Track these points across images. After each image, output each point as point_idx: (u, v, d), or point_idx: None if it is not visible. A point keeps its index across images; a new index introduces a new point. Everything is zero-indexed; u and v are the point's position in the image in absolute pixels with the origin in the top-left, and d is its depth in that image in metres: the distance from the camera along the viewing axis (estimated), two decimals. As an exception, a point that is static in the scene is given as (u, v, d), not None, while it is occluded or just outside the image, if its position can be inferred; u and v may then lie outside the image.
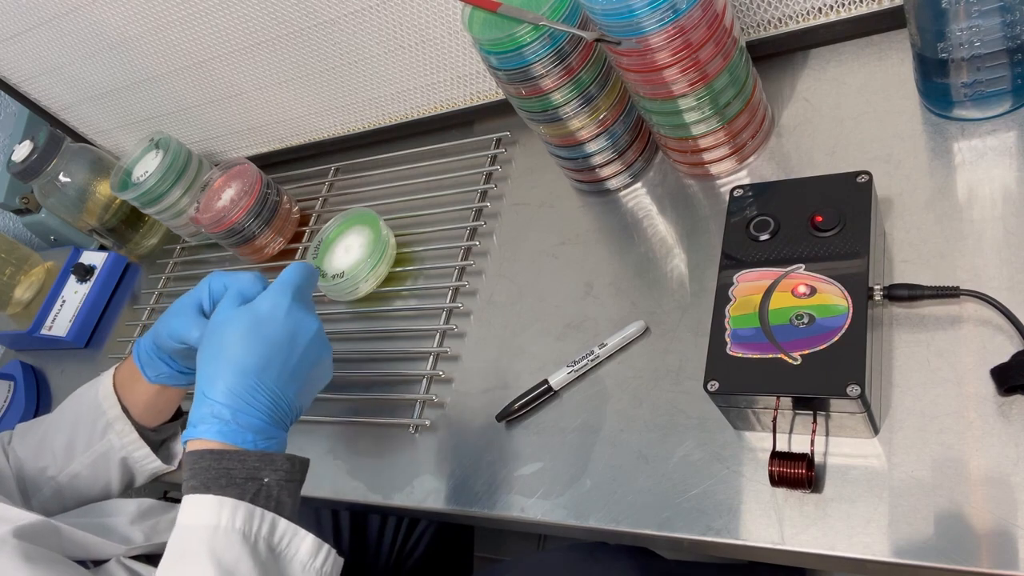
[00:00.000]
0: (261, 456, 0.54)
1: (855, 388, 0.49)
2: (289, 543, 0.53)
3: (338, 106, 0.98)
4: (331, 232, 0.89)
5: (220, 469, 0.53)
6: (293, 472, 0.55)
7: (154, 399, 0.74)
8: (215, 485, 0.52)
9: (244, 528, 0.51)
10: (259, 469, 0.53)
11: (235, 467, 0.53)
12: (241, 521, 0.51)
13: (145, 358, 0.71)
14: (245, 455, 0.53)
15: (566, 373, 0.68)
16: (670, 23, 0.60)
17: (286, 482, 0.54)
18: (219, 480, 0.52)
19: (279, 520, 0.53)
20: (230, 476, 0.52)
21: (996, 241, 0.58)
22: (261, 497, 0.53)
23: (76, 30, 0.95)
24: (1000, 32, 0.56)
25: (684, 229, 0.73)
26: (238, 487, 0.52)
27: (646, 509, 0.59)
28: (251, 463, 0.53)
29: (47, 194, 1.05)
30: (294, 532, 0.53)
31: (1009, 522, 0.48)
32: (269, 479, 0.54)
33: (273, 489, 0.54)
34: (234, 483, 0.52)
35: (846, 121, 0.70)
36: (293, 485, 0.55)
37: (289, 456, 0.55)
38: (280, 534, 0.53)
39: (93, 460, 0.74)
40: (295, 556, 0.53)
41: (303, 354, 0.57)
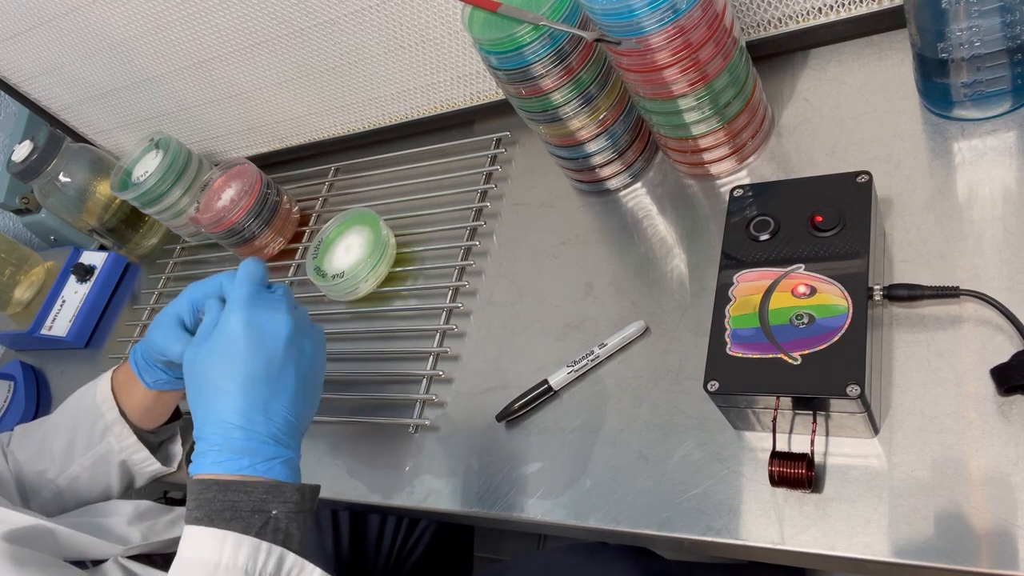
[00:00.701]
0: (269, 487, 0.51)
1: (855, 388, 0.49)
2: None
3: (338, 106, 0.98)
4: (331, 232, 0.89)
5: (225, 501, 0.50)
6: (303, 503, 0.53)
7: (152, 403, 0.74)
8: (219, 518, 0.50)
9: (247, 565, 0.49)
10: (266, 501, 0.51)
11: (240, 499, 0.51)
12: (244, 558, 0.49)
13: (142, 364, 0.71)
14: (252, 486, 0.51)
15: (566, 373, 0.68)
16: (670, 23, 0.60)
17: (295, 513, 0.52)
18: (223, 513, 0.50)
19: (287, 555, 0.51)
20: (235, 509, 0.50)
21: (996, 241, 0.58)
22: (268, 531, 0.50)
23: (76, 30, 0.95)
24: (1000, 32, 0.56)
25: (684, 229, 0.73)
26: (243, 520, 0.50)
27: (646, 509, 0.59)
28: (258, 495, 0.51)
29: (47, 194, 1.05)
30: (301, 567, 0.51)
31: (1009, 522, 0.48)
32: (277, 511, 0.51)
33: (281, 522, 0.51)
34: (239, 516, 0.50)
35: (846, 121, 0.70)
36: (303, 516, 0.53)
37: (299, 487, 0.53)
38: (287, 570, 0.51)
39: (92, 463, 0.74)
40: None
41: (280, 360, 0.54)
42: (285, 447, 0.54)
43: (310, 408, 0.57)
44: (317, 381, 0.58)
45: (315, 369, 0.57)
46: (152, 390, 0.72)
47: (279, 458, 0.53)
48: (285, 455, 0.53)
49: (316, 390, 0.58)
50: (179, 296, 0.64)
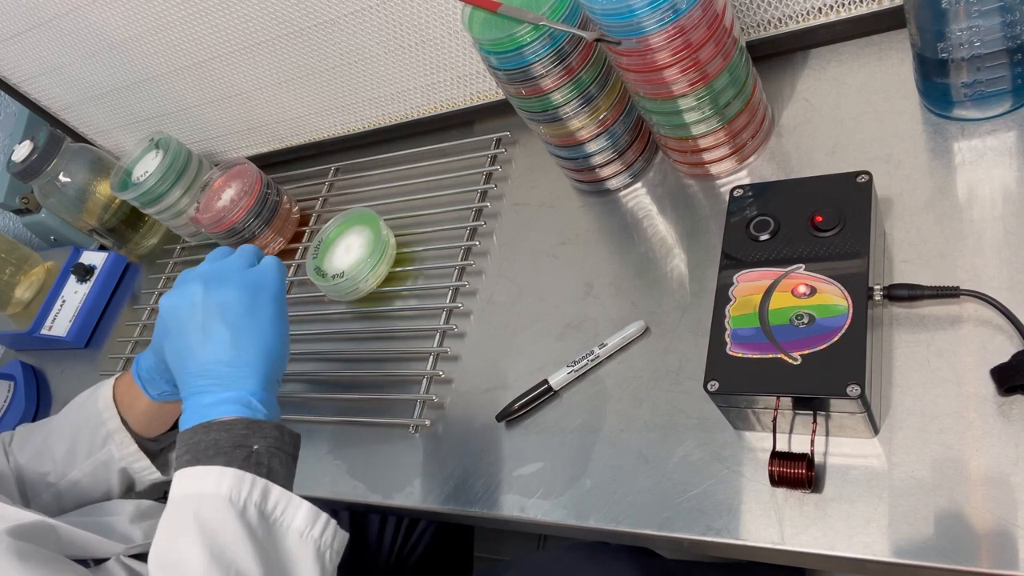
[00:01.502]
0: (248, 423, 0.54)
1: (855, 388, 0.49)
2: (284, 511, 0.52)
3: (338, 106, 0.98)
4: (331, 232, 0.89)
5: (208, 440, 0.53)
6: (282, 440, 0.55)
7: (155, 413, 0.74)
8: (203, 456, 0.52)
9: (231, 494, 0.51)
10: (247, 436, 0.53)
11: (222, 437, 0.53)
12: (227, 487, 0.51)
13: (146, 376, 0.71)
14: (231, 424, 0.53)
15: (566, 373, 0.68)
16: (670, 23, 0.60)
17: (276, 449, 0.54)
18: (207, 451, 0.52)
19: (272, 487, 0.52)
20: (218, 446, 0.52)
21: (996, 241, 0.58)
22: (251, 463, 0.52)
23: (76, 30, 0.95)
24: (1000, 32, 0.56)
25: (684, 229, 0.73)
26: (226, 455, 0.52)
27: (646, 509, 0.59)
28: (238, 430, 0.53)
29: (47, 194, 1.05)
30: (288, 499, 0.53)
31: (1009, 522, 0.48)
32: (258, 446, 0.53)
33: (263, 456, 0.53)
34: (222, 452, 0.52)
35: (846, 121, 0.70)
36: (284, 455, 0.55)
37: (277, 424, 0.55)
38: (273, 501, 0.52)
39: (93, 468, 0.74)
40: (291, 524, 0.52)
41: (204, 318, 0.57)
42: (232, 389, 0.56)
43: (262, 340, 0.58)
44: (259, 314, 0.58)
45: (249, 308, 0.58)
46: (156, 402, 0.72)
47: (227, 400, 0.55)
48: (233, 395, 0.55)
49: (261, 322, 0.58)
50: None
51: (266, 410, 0.56)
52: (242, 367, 0.56)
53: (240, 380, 0.56)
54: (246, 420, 0.54)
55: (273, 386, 0.58)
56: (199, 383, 0.56)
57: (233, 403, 0.55)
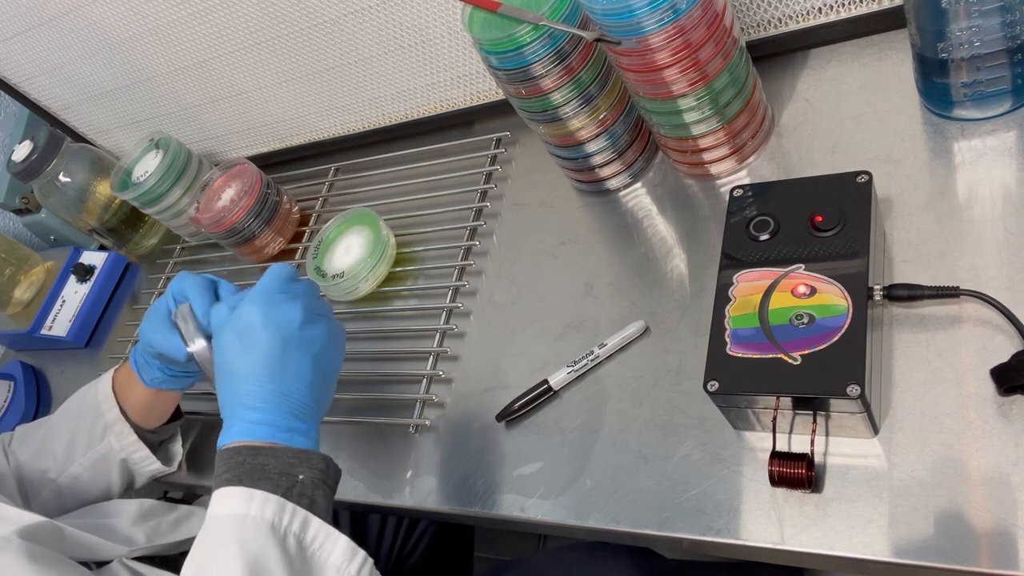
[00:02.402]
0: (297, 453, 0.53)
1: (855, 388, 0.49)
2: (322, 545, 0.51)
3: (338, 106, 0.98)
4: (331, 232, 0.89)
5: (255, 464, 0.52)
6: (328, 473, 0.54)
7: (152, 402, 0.74)
8: (248, 478, 0.51)
9: (274, 520, 0.50)
10: (294, 465, 0.53)
11: (269, 463, 0.52)
12: (271, 513, 0.50)
13: (140, 363, 0.71)
14: (280, 451, 0.53)
15: (566, 373, 0.68)
16: (670, 23, 0.60)
17: (321, 481, 0.53)
18: (252, 474, 0.52)
19: (312, 518, 0.52)
20: (264, 470, 0.52)
21: (996, 241, 0.58)
22: (295, 493, 0.52)
23: (76, 30, 0.95)
24: (1000, 32, 0.56)
25: (684, 229, 0.73)
26: (271, 481, 0.51)
27: (646, 509, 0.59)
28: (286, 459, 0.53)
29: (47, 194, 1.05)
30: (327, 533, 0.52)
31: (1009, 522, 0.48)
32: (304, 476, 0.53)
33: (307, 487, 0.52)
34: (267, 477, 0.52)
35: (846, 121, 0.70)
36: (327, 488, 0.54)
37: (325, 456, 0.55)
38: (313, 534, 0.51)
39: (93, 462, 0.74)
40: (328, 559, 0.51)
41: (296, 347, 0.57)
42: (303, 422, 0.56)
43: (325, 393, 0.58)
44: (331, 367, 0.59)
45: (328, 356, 0.59)
46: (151, 389, 0.72)
47: (298, 431, 0.55)
48: (303, 428, 0.55)
49: (330, 376, 0.59)
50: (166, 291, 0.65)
51: (311, 440, 0.55)
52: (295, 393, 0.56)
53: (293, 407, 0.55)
54: (295, 450, 0.53)
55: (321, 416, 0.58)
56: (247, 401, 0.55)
57: (285, 431, 0.54)
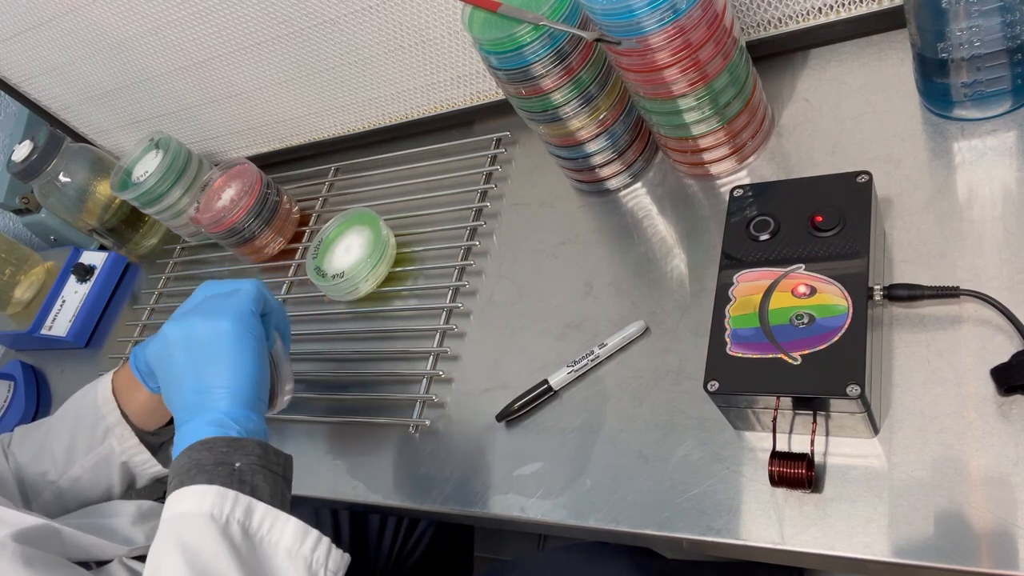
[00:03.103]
0: (229, 441, 0.53)
1: (855, 388, 0.49)
2: (271, 529, 0.51)
3: (338, 106, 0.98)
4: (331, 232, 0.89)
5: (191, 462, 0.53)
6: (267, 458, 0.54)
7: (155, 405, 0.74)
8: (187, 477, 0.52)
9: (213, 510, 0.50)
10: (228, 454, 0.53)
11: (203, 456, 0.53)
12: (209, 504, 0.50)
13: (144, 368, 0.71)
14: (212, 443, 0.53)
15: (566, 373, 0.68)
16: (670, 23, 0.60)
17: (260, 467, 0.53)
18: (190, 472, 0.52)
19: (256, 504, 0.51)
20: (200, 465, 0.52)
21: (996, 241, 0.58)
22: (234, 481, 0.52)
23: (76, 30, 0.95)
24: (1000, 32, 0.56)
25: (684, 229, 0.73)
26: (207, 473, 0.52)
27: (646, 509, 0.59)
28: (219, 449, 0.53)
29: (47, 194, 1.05)
30: (275, 516, 0.51)
31: (1009, 522, 0.48)
32: (240, 463, 0.53)
33: (246, 474, 0.52)
34: (204, 470, 0.52)
35: (846, 121, 0.70)
36: (270, 473, 0.54)
37: (260, 442, 0.55)
38: (259, 519, 0.51)
39: (94, 464, 0.74)
40: (279, 542, 0.51)
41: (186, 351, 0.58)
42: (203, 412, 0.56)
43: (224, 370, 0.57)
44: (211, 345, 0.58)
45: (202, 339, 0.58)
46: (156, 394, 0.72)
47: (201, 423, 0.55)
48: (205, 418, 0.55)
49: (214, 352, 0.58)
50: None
51: (243, 428, 0.55)
52: (214, 389, 0.56)
53: (212, 402, 0.56)
54: (226, 439, 0.54)
55: (254, 404, 0.57)
56: (181, 415, 0.57)
57: (209, 424, 0.55)
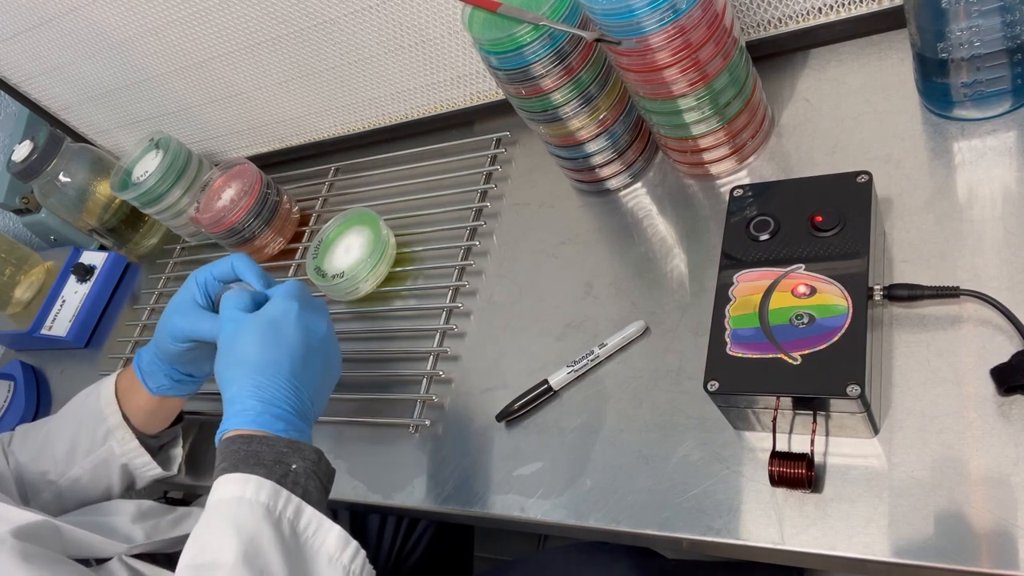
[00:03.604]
0: (290, 443, 0.55)
1: (855, 388, 0.49)
2: (315, 532, 0.52)
3: (338, 106, 0.98)
4: (331, 232, 0.89)
5: (249, 451, 0.53)
6: (320, 465, 0.56)
7: (156, 408, 0.74)
8: (243, 465, 0.53)
9: (269, 503, 0.51)
10: (287, 455, 0.54)
11: (264, 450, 0.53)
12: (267, 496, 0.51)
13: (147, 369, 0.71)
14: (274, 440, 0.54)
15: (566, 373, 0.68)
16: (670, 23, 0.60)
17: (313, 472, 0.55)
18: (247, 460, 0.53)
19: (305, 506, 0.53)
20: (258, 458, 0.53)
21: (996, 241, 0.58)
22: (288, 481, 0.53)
23: (76, 30, 0.95)
24: (1000, 32, 0.56)
25: (684, 229, 0.73)
26: (266, 468, 0.53)
27: (646, 509, 0.59)
28: (280, 448, 0.54)
29: (47, 194, 1.05)
30: (320, 521, 0.53)
31: (1009, 522, 0.48)
32: (297, 465, 0.54)
33: (300, 476, 0.54)
34: (262, 464, 0.53)
35: (846, 121, 0.70)
36: (319, 480, 0.55)
37: (317, 450, 0.56)
38: (306, 521, 0.52)
39: (94, 465, 0.74)
40: (321, 547, 0.52)
41: (316, 353, 0.60)
42: (303, 421, 0.58)
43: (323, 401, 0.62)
44: (333, 380, 0.63)
45: (334, 370, 0.63)
46: (155, 396, 0.72)
47: (295, 428, 0.57)
48: (301, 426, 0.57)
49: (330, 388, 0.63)
50: (186, 283, 0.67)
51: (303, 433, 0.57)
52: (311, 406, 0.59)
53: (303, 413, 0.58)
54: (287, 440, 0.55)
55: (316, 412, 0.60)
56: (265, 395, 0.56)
57: (283, 421, 0.56)
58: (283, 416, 0.56)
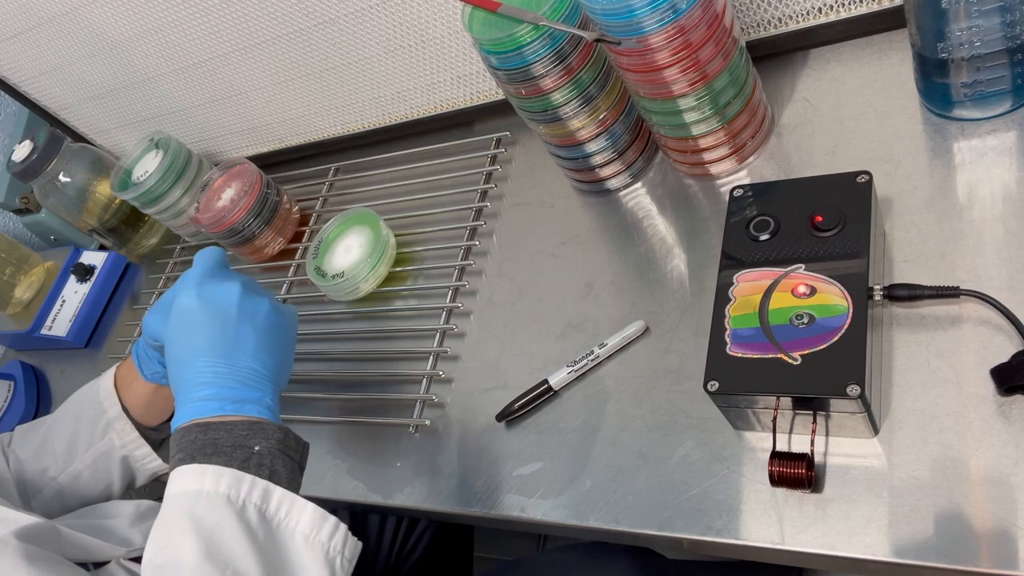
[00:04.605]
0: (250, 424, 0.52)
1: (855, 388, 0.49)
2: (288, 513, 0.50)
3: (338, 106, 0.98)
4: (331, 232, 0.89)
5: (206, 440, 0.51)
6: (287, 443, 0.53)
7: (152, 397, 0.74)
8: (200, 455, 0.51)
9: (230, 493, 0.49)
10: (248, 437, 0.52)
11: (221, 436, 0.51)
12: (226, 486, 0.49)
13: (142, 355, 0.72)
14: (232, 424, 0.52)
15: (566, 373, 0.68)
16: (670, 23, 0.60)
17: (279, 452, 0.52)
18: (205, 450, 0.51)
19: (274, 488, 0.51)
20: (216, 445, 0.51)
21: (996, 241, 0.58)
22: (252, 465, 0.51)
23: (76, 30, 0.95)
24: (1000, 32, 0.56)
25: (684, 229, 0.73)
26: (225, 455, 0.51)
27: (646, 509, 0.59)
28: (238, 431, 0.52)
29: (47, 194, 1.05)
30: (292, 501, 0.51)
31: (1009, 522, 0.48)
32: (260, 447, 0.52)
33: (265, 458, 0.51)
34: (220, 451, 0.51)
35: (846, 121, 0.70)
36: (288, 460, 0.53)
37: (282, 427, 0.54)
38: (276, 503, 0.50)
39: (94, 460, 0.74)
40: (296, 528, 0.50)
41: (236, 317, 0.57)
42: (255, 391, 0.55)
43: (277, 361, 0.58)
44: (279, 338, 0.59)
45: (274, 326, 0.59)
46: (151, 383, 0.72)
47: (249, 400, 0.54)
48: (255, 396, 0.55)
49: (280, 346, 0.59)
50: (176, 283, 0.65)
51: (271, 416, 0.55)
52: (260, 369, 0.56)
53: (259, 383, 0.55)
54: (248, 421, 0.53)
55: (278, 399, 0.57)
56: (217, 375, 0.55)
57: (236, 402, 0.54)
58: (237, 397, 0.54)
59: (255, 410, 0.54)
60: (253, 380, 0.55)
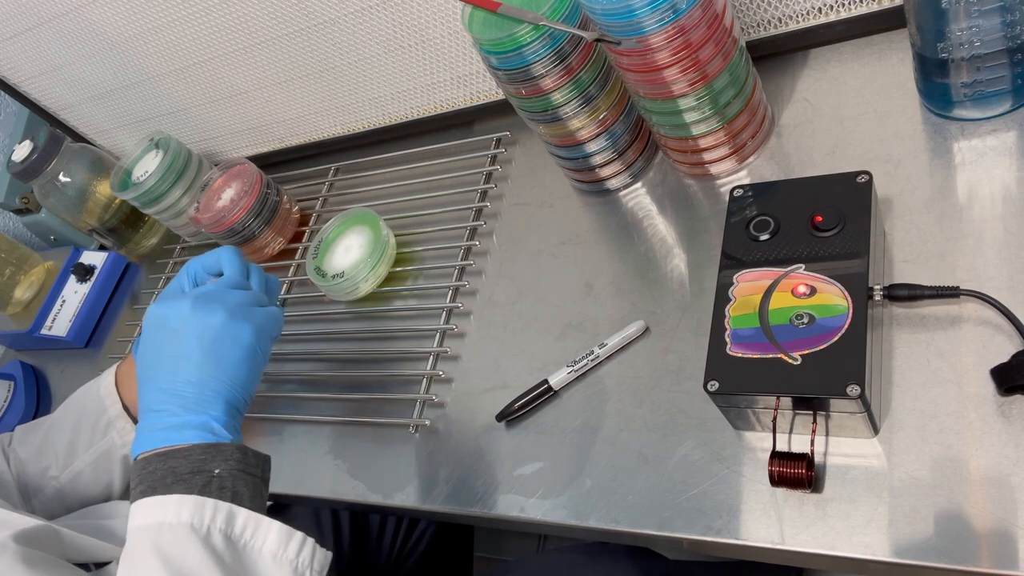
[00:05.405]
0: (207, 448, 0.52)
1: (855, 388, 0.49)
2: (254, 534, 0.51)
3: (338, 106, 0.98)
4: (331, 232, 0.89)
5: (166, 469, 0.51)
6: (246, 461, 0.53)
7: None
8: (161, 485, 0.51)
9: (193, 521, 0.49)
10: (206, 461, 0.52)
11: (180, 464, 0.51)
12: (188, 514, 0.49)
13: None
14: (189, 450, 0.52)
15: (566, 373, 0.68)
16: (670, 23, 0.60)
17: (240, 472, 0.52)
18: (165, 480, 0.51)
19: (237, 510, 0.51)
20: (176, 473, 0.51)
21: (996, 241, 0.58)
22: (213, 489, 0.51)
23: (76, 30, 0.95)
24: (1000, 32, 0.56)
25: (684, 229, 0.73)
26: (184, 482, 0.50)
27: (646, 509, 0.59)
28: (196, 456, 0.52)
29: (47, 194, 1.05)
30: (257, 521, 0.51)
31: (1009, 522, 0.48)
32: (220, 470, 0.52)
33: (226, 480, 0.51)
34: (180, 479, 0.51)
35: (846, 121, 0.70)
36: (250, 477, 0.53)
37: (240, 446, 0.54)
38: (241, 525, 0.51)
39: (95, 458, 0.74)
40: (263, 547, 0.51)
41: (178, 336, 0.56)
42: (197, 414, 0.54)
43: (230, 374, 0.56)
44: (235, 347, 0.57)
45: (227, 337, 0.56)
46: None
47: (189, 425, 0.53)
48: (196, 421, 0.54)
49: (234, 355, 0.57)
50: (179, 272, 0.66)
51: (228, 435, 0.54)
52: (207, 391, 0.55)
53: (202, 404, 0.54)
54: (204, 445, 0.52)
55: (237, 413, 0.56)
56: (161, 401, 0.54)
57: (192, 428, 0.53)
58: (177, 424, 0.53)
59: (195, 436, 0.53)
60: (195, 403, 0.54)
